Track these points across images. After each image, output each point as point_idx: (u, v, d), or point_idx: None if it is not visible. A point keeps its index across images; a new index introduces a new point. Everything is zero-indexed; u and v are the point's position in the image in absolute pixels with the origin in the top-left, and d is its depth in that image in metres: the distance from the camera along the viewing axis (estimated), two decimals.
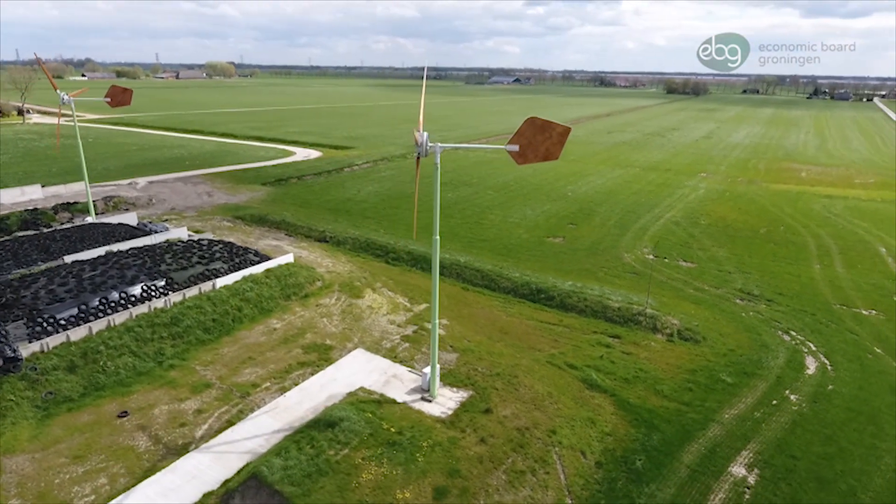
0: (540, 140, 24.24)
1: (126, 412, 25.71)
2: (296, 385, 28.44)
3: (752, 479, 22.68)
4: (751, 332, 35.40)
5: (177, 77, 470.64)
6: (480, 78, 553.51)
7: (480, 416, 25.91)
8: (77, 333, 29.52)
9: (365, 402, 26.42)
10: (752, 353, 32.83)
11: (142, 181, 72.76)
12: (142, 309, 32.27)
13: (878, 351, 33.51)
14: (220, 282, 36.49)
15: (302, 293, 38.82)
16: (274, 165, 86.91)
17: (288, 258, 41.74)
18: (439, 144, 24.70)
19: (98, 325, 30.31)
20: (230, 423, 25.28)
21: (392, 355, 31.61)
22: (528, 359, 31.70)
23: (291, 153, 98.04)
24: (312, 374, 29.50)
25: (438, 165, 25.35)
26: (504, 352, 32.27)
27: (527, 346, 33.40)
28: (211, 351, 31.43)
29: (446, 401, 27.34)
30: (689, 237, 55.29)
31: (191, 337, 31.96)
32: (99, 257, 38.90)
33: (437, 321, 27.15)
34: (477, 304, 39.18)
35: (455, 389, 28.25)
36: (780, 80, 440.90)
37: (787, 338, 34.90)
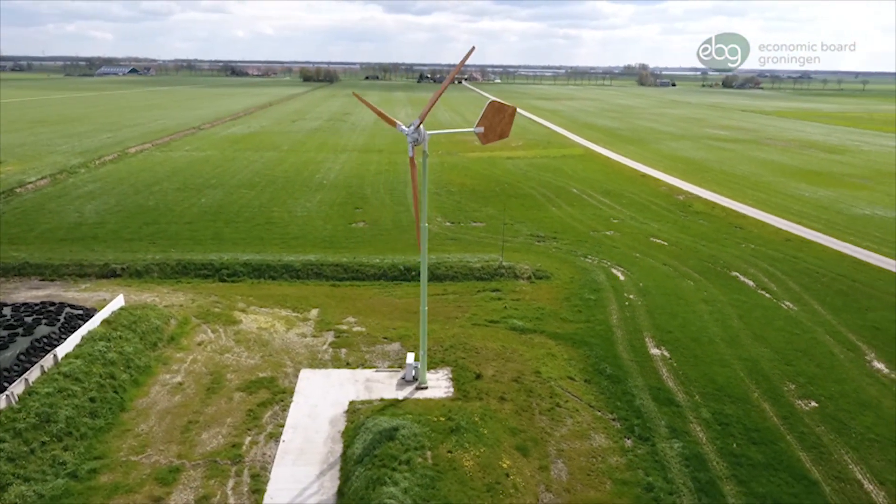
0: (497, 121, 26.91)
1: None
2: (280, 427, 24.48)
3: (666, 354, 31.57)
4: (569, 263, 45.62)
5: None
6: (83, 69, 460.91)
7: (479, 383, 27.85)
8: None
9: (383, 409, 25.08)
10: (584, 275, 42.83)
11: None
12: None
13: (638, 255, 47.94)
14: (62, 351, 26.51)
15: (166, 337, 31.27)
16: None
17: (119, 302, 32.41)
18: (428, 132, 24.82)
19: None
20: (258, 491, 20.74)
21: (343, 365, 29.65)
22: (455, 327, 34.23)
23: None
24: (284, 410, 25.68)
25: (427, 152, 25.34)
26: (431, 329, 33.78)
27: (443, 317, 35.66)
28: (123, 435, 23.56)
29: (438, 383, 28.10)
30: (456, 203, 64.04)
31: (81, 429, 23.12)
32: None
33: (425, 308, 27.45)
34: (361, 296, 38.65)
35: (434, 371, 29.05)
36: (394, 67, 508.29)
37: (589, 260, 46.36)
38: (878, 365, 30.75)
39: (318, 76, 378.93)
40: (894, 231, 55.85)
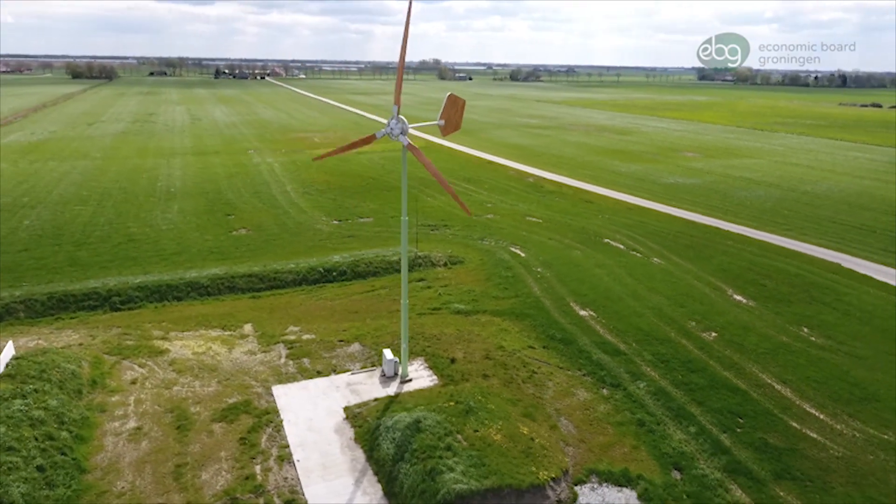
0: (452, 113, 28.02)
1: None
2: (285, 447, 22.81)
3: (593, 314, 35.95)
4: (471, 247, 48.27)
5: None
6: None
7: (456, 367, 28.98)
8: None
9: (386, 407, 24.78)
10: (491, 256, 45.85)
11: None
12: None
13: (524, 233, 52.60)
14: None
15: (86, 382, 26.37)
16: None
17: (9, 351, 26.22)
18: (410, 125, 24.88)
19: None
20: None
21: (315, 374, 28.26)
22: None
23: None
24: (278, 430, 23.90)
25: (405, 148, 25.27)
26: (382, 324, 33.80)
27: (386, 312, 35.62)
28: (101, 499, 19.87)
29: (419, 373, 28.57)
30: (333, 201, 62.62)
31: None
32: None
33: (405, 301, 27.48)
34: (290, 304, 36.46)
35: (409, 363, 29.29)
36: (181, 62, 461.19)
37: (487, 243, 49.60)
38: (739, 297, 38.97)
39: (90, 72, 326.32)
40: (698, 194, 69.34)
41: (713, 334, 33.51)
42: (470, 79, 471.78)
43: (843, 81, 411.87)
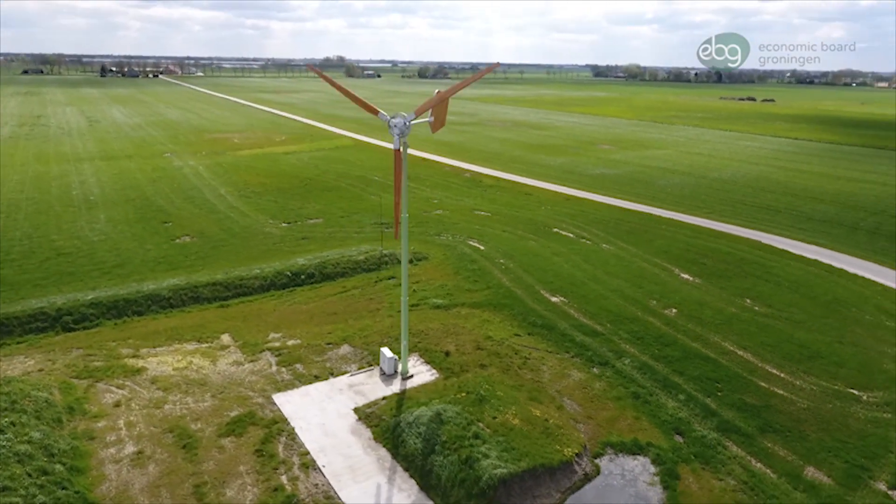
0: (438, 110, 28.40)
1: None
2: (305, 455, 22.24)
3: (564, 299, 37.75)
4: (431, 243, 48.69)
5: None
6: None
7: (452, 359, 29.54)
8: None
9: (398, 405, 24.78)
10: (453, 251, 46.55)
11: None
12: None
13: (478, 227, 53.78)
14: None
15: (63, 410, 24.04)
16: None
17: None
18: (411, 122, 24.84)
19: None
20: None
21: (312, 379, 27.57)
22: (386, 318, 34.51)
23: None
24: (292, 439, 23.23)
25: (406, 145, 25.25)
26: (366, 324, 33.54)
27: (366, 312, 35.32)
28: None
29: (418, 368, 28.82)
30: (274, 203, 60.44)
31: None
32: None
33: (405, 298, 27.46)
34: (263, 311, 35.06)
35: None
36: (59, 59, 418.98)
37: (444, 238, 50.22)
38: (686, 276, 42.49)
39: None
40: (624, 183, 74.10)
41: (673, 310, 36.41)
42: (378, 76, 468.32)
43: (718, 77, 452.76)
